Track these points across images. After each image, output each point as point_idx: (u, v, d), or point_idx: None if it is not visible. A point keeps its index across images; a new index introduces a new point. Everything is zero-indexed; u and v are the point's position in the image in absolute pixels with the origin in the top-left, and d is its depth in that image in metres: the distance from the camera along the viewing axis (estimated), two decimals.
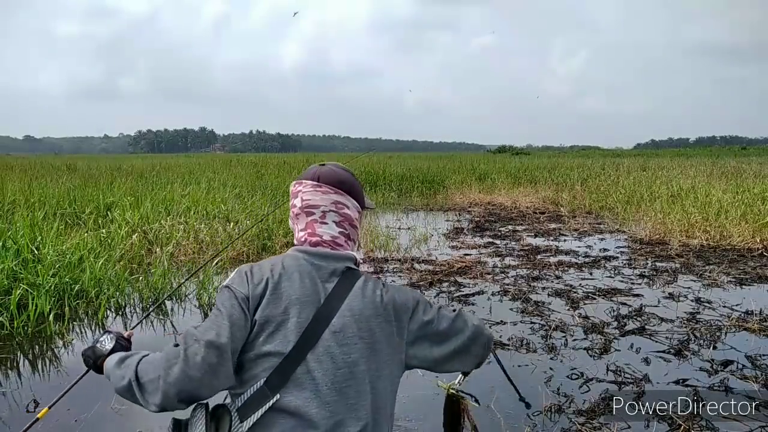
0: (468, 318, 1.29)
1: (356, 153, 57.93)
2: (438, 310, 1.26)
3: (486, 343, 1.32)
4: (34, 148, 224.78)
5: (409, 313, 1.21)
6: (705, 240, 7.66)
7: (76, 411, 2.99)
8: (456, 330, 1.25)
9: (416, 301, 1.24)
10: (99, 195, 9.82)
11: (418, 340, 1.22)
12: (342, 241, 1.26)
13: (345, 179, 1.28)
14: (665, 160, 28.02)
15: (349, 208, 1.27)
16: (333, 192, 1.25)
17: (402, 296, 1.24)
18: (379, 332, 1.16)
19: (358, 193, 1.30)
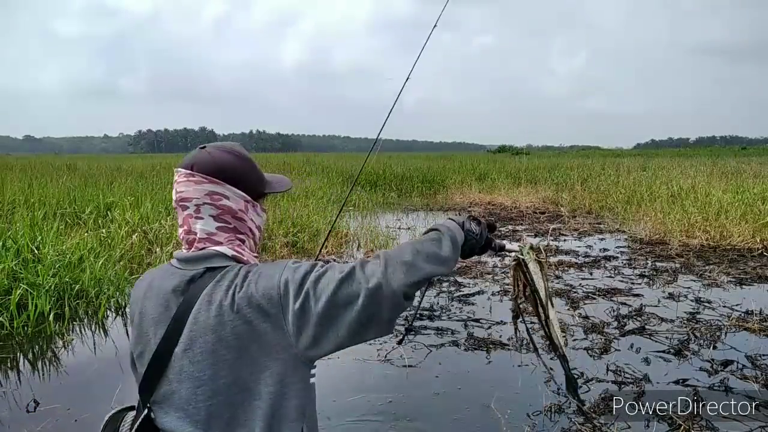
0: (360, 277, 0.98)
1: (358, 152, 57.81)
2: (315, 283, 0.98)
3: (394, 301, 0.98)
4: (34, 148, 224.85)
5: (277, 302, 0.98)
6: (705, 240, 7.66)
7: (76, 411, 2.99)
8: (342, 301, 0.96)
9: (283, 286, 0.98)
10: (99, 195, 9.82)
11: (303, 329, 0.98)
12: (222, 237, 1.08)
13: (225, 165, 1.09)
14: (665, 160, 28.01)
15: (229, 199, 1.08)
16: (207, 181, 1.07)
17: (264, 284, 0.99)
18: (237, 338, 0.98)
19: (244, 179, 1.11)
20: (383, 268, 0.99)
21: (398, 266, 1.00)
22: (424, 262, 1.04)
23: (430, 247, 1.09)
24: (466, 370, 3.53)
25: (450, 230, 1.15)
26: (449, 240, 1.12)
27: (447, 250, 1.10)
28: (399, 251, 1.05)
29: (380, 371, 3.49)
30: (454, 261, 1.12)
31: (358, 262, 1.01)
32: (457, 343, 3.96)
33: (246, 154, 1.15)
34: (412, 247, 1.06)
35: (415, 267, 1.01)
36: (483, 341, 3.96)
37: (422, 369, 3.54)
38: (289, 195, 11.58)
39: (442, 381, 3.37)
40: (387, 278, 0.97)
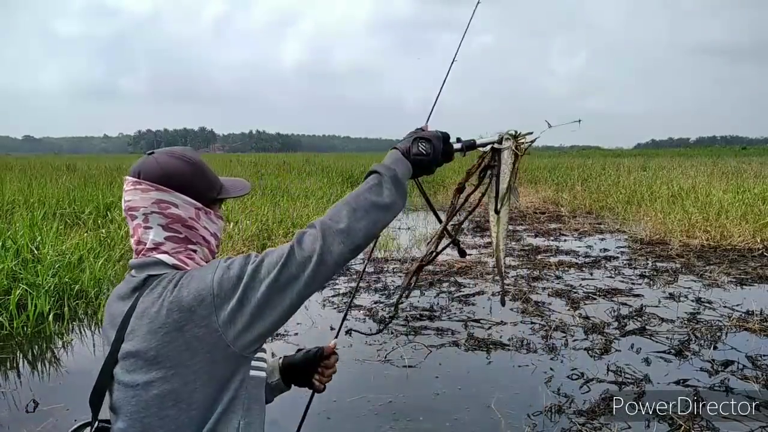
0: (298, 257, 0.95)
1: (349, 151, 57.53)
2: (253, 274, 0.95)
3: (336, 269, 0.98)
4: (33, 148, 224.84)
5: (209, 303, 0.94)
6: (705, 240, 7.66)
7: (75, 411, 2.99)
8: (283, 285, 0.94)
9: (216, 286, 0.95)
10: (99, 195, 9.81)
11: (236, 320, 0.94)
12: (169, 247, 1.04)
13: (173, 172, 1.04)
14: (665, 160, 28.01)
15: (177, 207, 1.04)
16: (154, 189, 1.03)
17: (195, 286, 0.96)
18: (169, 347, 0.94)
19: (193, 185, 1.06)
20: (321, 241, 0.96)
21: (335, 236, 0.97)
22: (363, 219, 0.99)
23: (368, 197, 1.02)
24: (466, 370, 3.53)
25: (389, 168, 1.07)
26: (390, 181, 1.05)
27: (388, 194, 1.03)
28: (335, 214, 1.00)
29: (380, 371, 3.49)
30: (402, 198, 1.06)
31: (295, 239, 0.98)
32: (457, 343, 3.96)
33: (196, 158, 1.09)
34: (348, 207, 1.00)
35: (353, 230, 0.98)
36: (483, 341, 3.96)
37: (422, 369, 3.53)
38: (290, 194, 11.58)
39: (442, 381, 3.37)
40: (325, 253, 0.95)
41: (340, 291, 5.34)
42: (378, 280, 5.80)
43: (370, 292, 5.32)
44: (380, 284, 5.61)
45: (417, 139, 1.14)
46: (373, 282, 5.71)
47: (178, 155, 1.07)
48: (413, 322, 4.38)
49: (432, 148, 1.13)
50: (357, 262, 6.71)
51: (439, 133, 1.16)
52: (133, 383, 0.99)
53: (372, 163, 1.13)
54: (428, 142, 1.13)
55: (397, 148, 1.13)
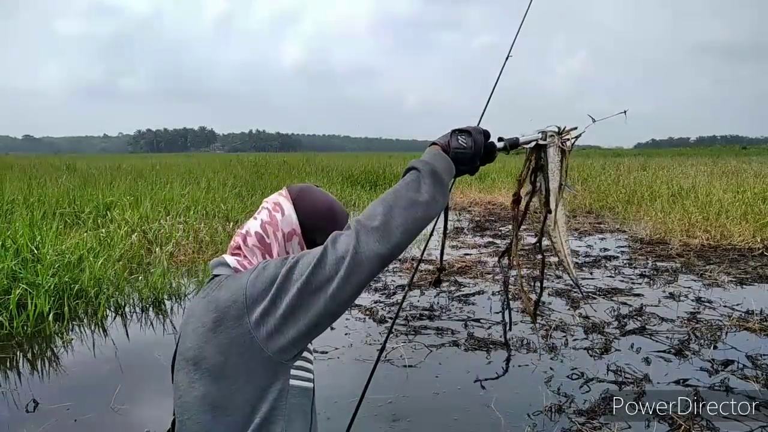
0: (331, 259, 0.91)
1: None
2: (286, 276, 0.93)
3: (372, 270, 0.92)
4: (33, 148, 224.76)
5: (241, 305, 0.94)
6: (706, 240, 7.65)
7: (75, 411, 2.99)
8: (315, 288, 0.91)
9: (250, 287, 0.95)
10: (98, 194, 9.81)
11: (266, 321, 0.93)
12: (252, 242, 1.06)
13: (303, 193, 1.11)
14: (666, 160, 28.02)
15: (282, 214, 1.07)
16: (284, 196, 1.10)
17: (233, 287, 0.96)
18: (208, 346, 0.95)
19: (310, 213, 1.09)
20: (354, 240, 0.91)
21: (369, 234, 0.91)
22: (399, 216, 0.93)
23: (404, 194, 0.96)
24: (466, 370, 3.53)
25: (428, 163, 1.00)
26: (429, 176, 0.98)
27: (428, 190, 0.97)
28: (370, 213, 0.94)
29: (380, 371, 3.46)
30: (442, 195, 1.00)
31: (329, 239, 0.94)
32: (457, 343, 3.96)
33: (339, 209, 1.15)
34: (384, 205, 0.95)
35: (389, 228, 0.92)
36: (483, 341, 3.95)
37: (422, 369, 3.53)
38: None
39: (442, 381, 3.37)
40: (359, 252, 0.90)
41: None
42: (378, 279, 5.80)
43: (370, 292, 5.32)
44: (380, 284, 5.61)
45: (455, 131, 1.07)
46: (373, 282, 5.71)
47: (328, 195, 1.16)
48: (413, 322, 4.37)
49: (473, 141, 1.05)
50: None
51: (480, 127, 1.09)
52: (179, 383, 1.00)
53: (372, 163, 1.11)
54: (468, 134, 1.05)
55: (436, 143, 1.07)
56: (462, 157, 1.04)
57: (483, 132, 1.08)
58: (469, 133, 1.06)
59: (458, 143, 1.05)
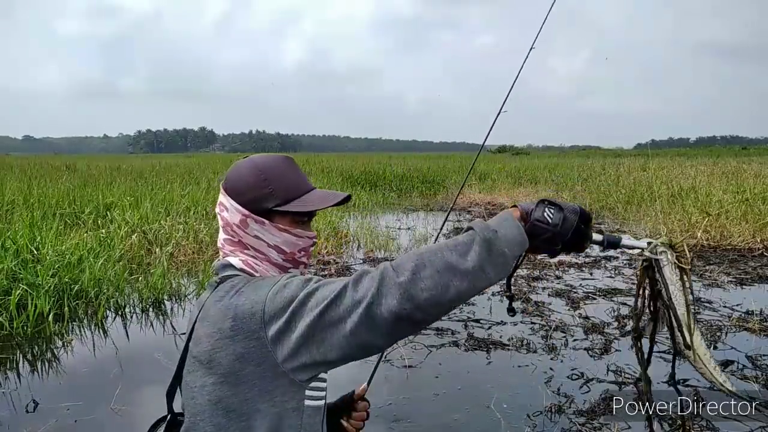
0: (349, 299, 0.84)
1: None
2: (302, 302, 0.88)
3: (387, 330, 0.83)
4: (33, 148, 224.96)
5: (259, 319, 0.90)
6: (705, 240, 7.66)
7: (76, 411, 2.99)
8: (328, 323, 0.85)
9: (268, 302, 0.91)
10: (98, 195, 9.82)
11: (282, 343, 0.89)
12: (228, 248, 1.05)
13: (233, 176, 1.05)
14: (666, 160, 28.00)
15: (227, 210, 1.04)
16: (221, 191, 1.06)
17: (252, 297, 0.93)
18: (221, 353, 0.93)
19: (246, 192, 1.02)
20: (375, 289, 0.81)
21: (391, 288, 0.81)
22: (429, 278, 0.80)
23: (445, 255, 0.82)
24: (466, 370, 3.53)
25: (488, 228, 0.85)
26: (484, 242, 0.83)
27: (475, 258, 0.82)
28: (402, 263, 0.84)
29: (380, 372, 3.46)
30: (496, 268, 0.83)
31: (353, 278, 0.86)
32: (457, 343, 3.96)
33: (269, 165, 1.05)
34: (418, 260, 0.83)
35: (413, 288, 0.80)
36: (483, 341, 3.96)
37: (422, 369, 3.53)
38: None
39: (442, 381, 3.37)
40: (375, 303, 0.81)
41: None
42: None
43: None
44: None
45: (545, 201, 0.90)
46: None
47: (253, 160, 1.05)
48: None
49: (562, 219, 0.87)
50: (357, 262, 6.71)
51: (578, 207, 0.90)
52: (192, 384, 0.99)
53: (372, 163, 1.08)
54: (558, 209, 0.88)
55: (517, 206, 0.91)
56: (541, 232, 0.87)
57: (579, 212, 0.89)
58: (560, 208, 0.88)
59: (542, 215, 0.87)
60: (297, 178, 1.06)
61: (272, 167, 1.04)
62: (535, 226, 0.87)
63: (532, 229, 0.87)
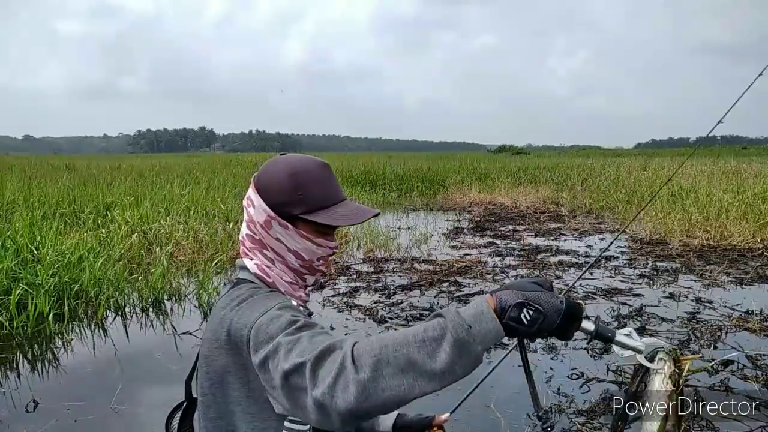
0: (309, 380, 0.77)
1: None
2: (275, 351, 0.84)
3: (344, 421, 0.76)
4: (33, 148, 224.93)
5: (245, 343, 0.90)
6: (705, 240, 7.65)
7: (76, 411, 2.99)
8: (292, 388, 0.80)
9: (253, 332, 0.89)
10: (98, 195, 9.82)
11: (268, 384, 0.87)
12: (248, 244, 1.06)
13: (266, 172, 1.04)
14: (666, 160, 28.00)
15: (253, 207, 1.03)
16: (252, 187, 1.05)
17: (243, 319, 0.92)
18: (216, 361, 0.96)
19: (275, 193, 1.01)
20: (332, 378, 0.74)
21: (350, 385, 0.74)
22: (393, 379, 0.73)
23: (412, 354, 0.74)
24: None
25: (463, 325, 0.75)
26: (454, 344, 0.74)
27: (445, 359, 0.74)
28: (364, 354, 0.76)
29: None
30: (466, 367, 0.76)
31: (315, 356, 0.78)
32: None
33: (304, 169, 1.03)
34: (382, 353, 0.75)
35: (373, 388, 0.73)
36: None
37: None
38: None
39: None
40: (333, 396, 0.74)
41: (340, 291, 5.33)
42: (378, 279, 5.80)
43: (370, 292, 5.32)
44: (380, 284, 5.60)
45: (525, 304, 0.78)
46: (373, 282, 5.71)
47: (290, 162, 1.04)
48: (413, 322, 4.37)
49: (541, 320, 0.78)
50: (357, 262, 6.71)
51: (563, 305, 0.79)
52: (201, 382, 1.02)
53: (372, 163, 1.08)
54: (538, 312, 0.78)
55: (495, 298, 0.79)
56: (515, 331, 0.78)
57: (562, 313, 0.79)
58: (541, 311, 0.77)
59: (519, 317, 0.77)
60: (329, 187, 1.05)
61: (307, 172, 1.03)
62: (509, 325, 0.77)
63: (505, 327, 0.77)
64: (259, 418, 0.95)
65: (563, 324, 0.79)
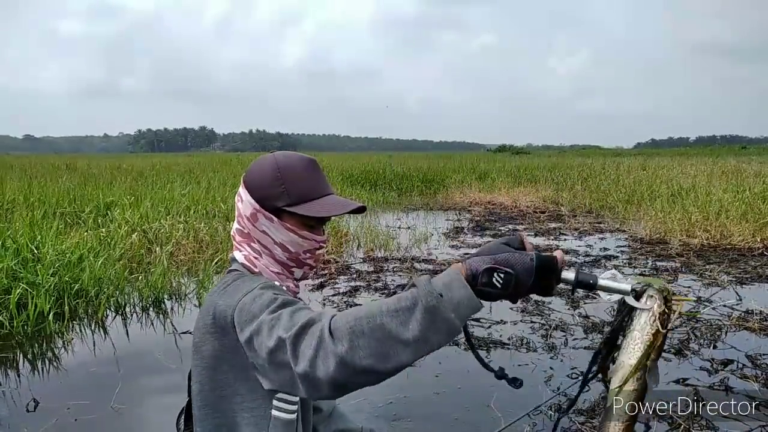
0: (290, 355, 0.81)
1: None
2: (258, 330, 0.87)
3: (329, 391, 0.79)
4: (33, 148, 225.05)
5: (230, 323, 0.94)
6: (705, 239, 7.65)
7: (75, 410, 2.99)
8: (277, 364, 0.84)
9: (237, 312, 0.92)
10: (99, 194, 9.81)
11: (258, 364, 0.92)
12: (238, 238, 1.10)
13: (253, 169, 1.09)
14: (665, 159, 28.00)
15: (241, 202, 1.08)
16: (241, 182, 1.11)
17: (226, 301, 0.96)
18: (205, 346, 0.99)
19: (260, 187, 1.05)
20: (313, 351, 0.78)
21: (329, 357, 0.77)
22: (368, 349, 0.75)
23: (386, 323, 0.75)
24: (466, 370, 3.53)
25: (434, 293, 0.76)
26: (425, 311, 0.75)
27: (417, 327, 0.75)
28: (341, 327, 0.78)
29: None
30: (439, 335, 0.76)
31: (294, 333, 0.81)
32: (457, 342, 3.95)
33: (288, 164, 1.06)
34: (357, 325, 0.77)
35: (350, 359, 0.76)
36: (483, 341, 3.96)
37: (422, 369, 3.53)
38: None
39: (442, 381, 3.37)
40: (315, 368, 0.78)
41: (340, 290, 5.33)
42: (378, 279, 5.80)
43: (371, 291, 5.32)
44: (380, 283, 5.61)
45: (495, 268, 0.79)
46: (373, 281, 5.71)
47: (275, 157, 1.08)
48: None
49: (513, 282, 0.78)
50: (357, 261, 6.71)
51: (534, 261, 0.80)
52: (193, 368, 1.05)
53: (372, 163, 1.09)
54: (509, 275, 0.78)
55: (465, 266, 0.80)
56: (489, 296, 0.80)
57: (537, 269, 0.80)
58: (513, 273, 0.78)
59: (491, 281, 0.78)
60: (314, 180, 1.08)
61: (291, 167, 1.06)
62: (482, 291, 0.79)
63: (479, 293, 0.79)
64: (249, 398, 0.99)
65: (538, 281, 0.80)
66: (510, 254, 0.81)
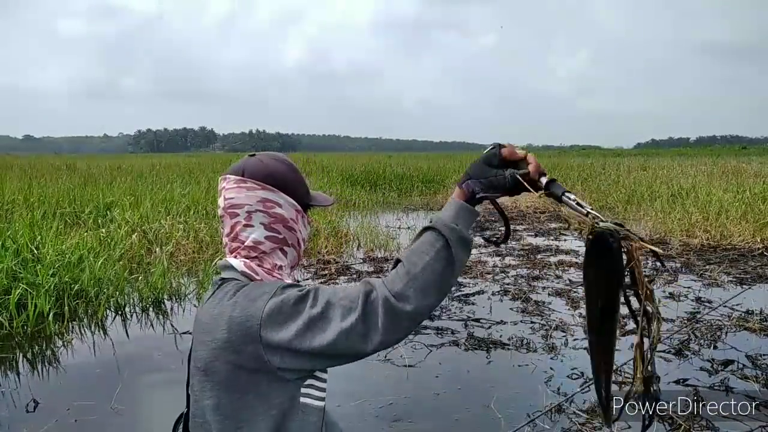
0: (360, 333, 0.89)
1: None
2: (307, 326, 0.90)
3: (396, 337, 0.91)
4: (33, 148, 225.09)
5: (255, 332, 0.91)
6: (705, 239, 7.65)
7: (76, 411, 2.99)
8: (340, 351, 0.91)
9: (266, 317, 0.92)
10: (99, 194, 9.81)
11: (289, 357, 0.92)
12: (268, 247, 1.04)
13: (275, 172, 1.06)
14: (666, 160, 28.01)
15: (282, 207, 1.05)
16: (260, 188, 1.03)
17: (246, 310, 0.93)
18: (218, 362, 0.95)
19: (294, 188, 1.07)
20: (389, 320, 0.88)
21: (404, 321, 0.89)
22: (431, 295, 0.90)
23: (435, 267, 0.89)
24: (466, 370, 3.53)
25: (453, 229, 0.91)
26: (455, 243, 0.91)
27: (452, 258, 0.90)
28: (401, 287, 0.89)
29: (381, 372, 3.48)
30: (468, 256, 0.94)
31: (360, 312, 0.89)
32: (457, 343, 3.96)
33: (294, 164, 1.12)
34: (413, 280, 0.89)
35: (421, 308, 0.90)
36: (483, 341, 3.96)
37: (422, 369, 3.53)
38: None
39: (442, 381, 3.37)
40: (388, 335, 0.89)
41: None
42: None
43: None
44: None
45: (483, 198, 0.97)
46: None
47: (279, 158, 1.10)
48: None
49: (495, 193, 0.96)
50: (357, 261, 6.71)
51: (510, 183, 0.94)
52: (194, 386, 1.00)
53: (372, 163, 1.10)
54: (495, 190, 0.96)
55: (465, 189, 0.97)
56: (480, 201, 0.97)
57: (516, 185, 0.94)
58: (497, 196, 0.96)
59: (480, 201, 0.97)
60: None
61: (296, 166, 1.12)
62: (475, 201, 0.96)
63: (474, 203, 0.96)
64: (275, 396, 0.97)
65: (514, 191, 0.96)
66: (493, 178, 0.95)
